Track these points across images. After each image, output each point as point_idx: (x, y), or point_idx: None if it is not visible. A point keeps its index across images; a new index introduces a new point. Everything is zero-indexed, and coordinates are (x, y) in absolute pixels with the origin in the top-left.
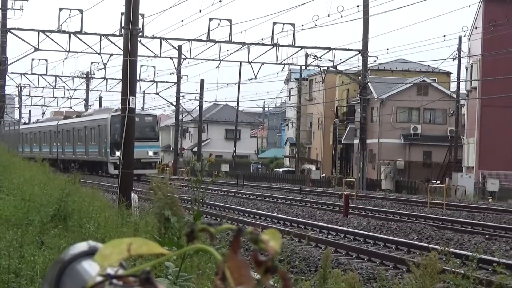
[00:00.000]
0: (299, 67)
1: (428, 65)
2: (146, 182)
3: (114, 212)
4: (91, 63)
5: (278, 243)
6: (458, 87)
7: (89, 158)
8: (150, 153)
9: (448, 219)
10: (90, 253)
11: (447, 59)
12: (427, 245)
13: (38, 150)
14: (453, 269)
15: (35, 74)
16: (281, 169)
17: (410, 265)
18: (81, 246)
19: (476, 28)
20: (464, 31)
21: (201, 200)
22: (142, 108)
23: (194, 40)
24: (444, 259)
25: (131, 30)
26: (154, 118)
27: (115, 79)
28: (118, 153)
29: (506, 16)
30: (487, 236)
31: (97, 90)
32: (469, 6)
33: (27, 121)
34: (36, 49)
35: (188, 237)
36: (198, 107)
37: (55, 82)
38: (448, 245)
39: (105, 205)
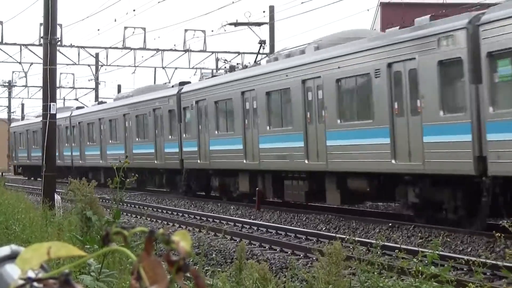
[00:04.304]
0: (210, 71)
1: None
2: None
3: (38, 213)
4: (13, 71)
5: (188, 244)
6: None
7: None
8: None
9: (353, 210)
10: (13, 257)
11: None
12: (334, 234)
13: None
14: (359, 257)
15: None
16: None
17: (316, 254)
18: (4, 250)
19: (374, 30)
20: None
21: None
22: None
23: (110, 48)
24: (351, 247)
25: (50, 39)
26: None
27: (36, 86)
28: None
29: (402, 18)
30: (390, 224)
31: (19, 98)
32: (368, 10)
33: None
34: None
35: (103, 240)
36: None
37: None
38: (354, 234)
39: (30, 207)
